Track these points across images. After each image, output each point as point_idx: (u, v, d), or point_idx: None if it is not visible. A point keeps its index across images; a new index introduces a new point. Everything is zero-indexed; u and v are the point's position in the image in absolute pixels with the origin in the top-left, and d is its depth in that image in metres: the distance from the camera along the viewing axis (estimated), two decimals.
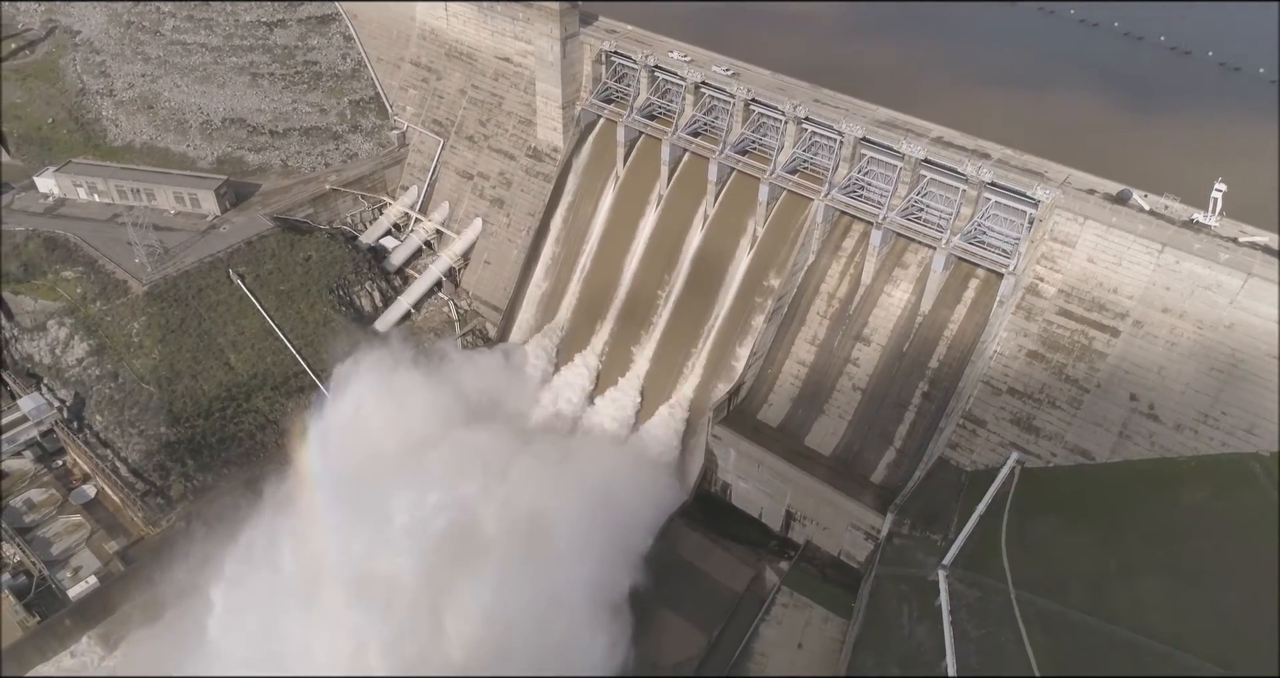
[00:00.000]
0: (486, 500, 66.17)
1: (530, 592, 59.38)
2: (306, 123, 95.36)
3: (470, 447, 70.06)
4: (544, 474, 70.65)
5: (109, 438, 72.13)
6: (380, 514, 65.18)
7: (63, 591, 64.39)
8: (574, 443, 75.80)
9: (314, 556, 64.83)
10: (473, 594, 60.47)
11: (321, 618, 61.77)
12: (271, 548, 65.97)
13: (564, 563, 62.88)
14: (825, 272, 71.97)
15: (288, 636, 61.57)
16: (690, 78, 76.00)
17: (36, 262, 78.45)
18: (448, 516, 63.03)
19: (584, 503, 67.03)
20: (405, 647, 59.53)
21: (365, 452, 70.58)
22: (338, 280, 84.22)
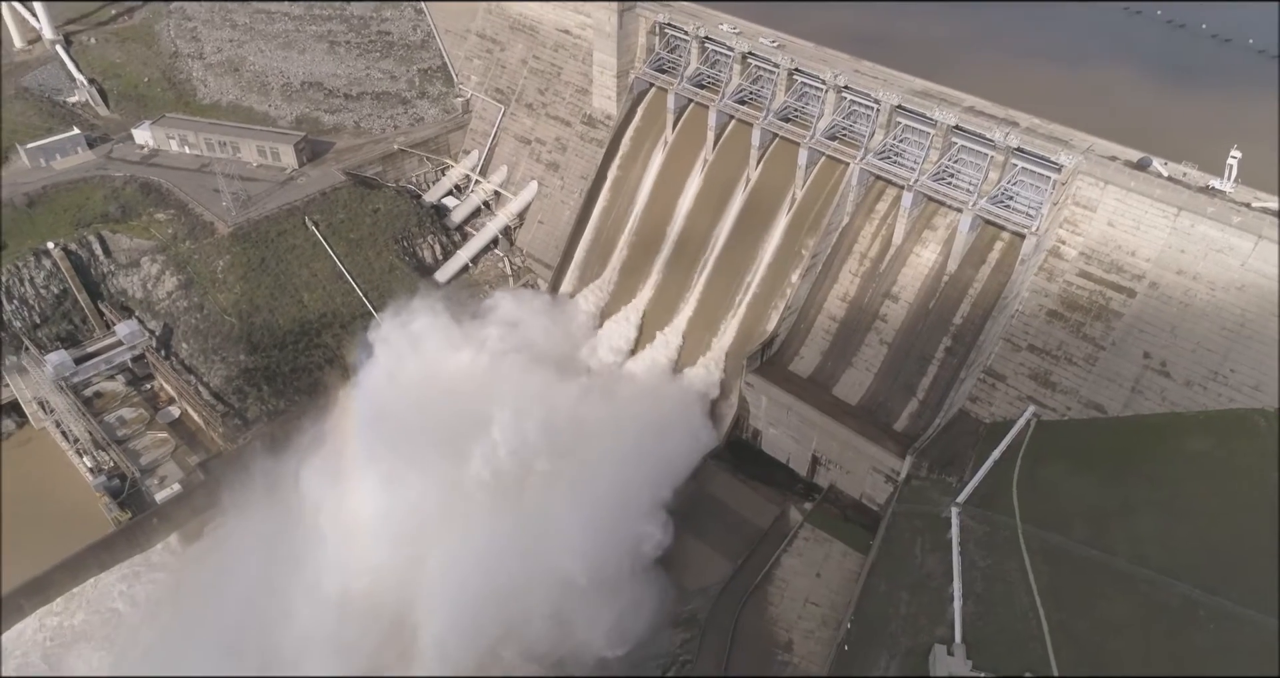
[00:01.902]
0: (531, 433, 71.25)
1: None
2: (378, 88, 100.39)
3: (517, 382, 75.08)
4: (587, 412, 75.46)
5: (193, 364, 77.92)
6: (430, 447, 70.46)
7: (150, 495, 70.22)
8: (615, 387, 79.80)
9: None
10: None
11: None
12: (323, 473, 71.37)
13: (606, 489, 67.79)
14: (858, 232, 74.92)
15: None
16: (738, 48, 79.28)
17: (133, 204, 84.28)
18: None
19: (624, 440, 71.60)
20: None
21: (418, 389, 75.93)
22: (402, 233, 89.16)
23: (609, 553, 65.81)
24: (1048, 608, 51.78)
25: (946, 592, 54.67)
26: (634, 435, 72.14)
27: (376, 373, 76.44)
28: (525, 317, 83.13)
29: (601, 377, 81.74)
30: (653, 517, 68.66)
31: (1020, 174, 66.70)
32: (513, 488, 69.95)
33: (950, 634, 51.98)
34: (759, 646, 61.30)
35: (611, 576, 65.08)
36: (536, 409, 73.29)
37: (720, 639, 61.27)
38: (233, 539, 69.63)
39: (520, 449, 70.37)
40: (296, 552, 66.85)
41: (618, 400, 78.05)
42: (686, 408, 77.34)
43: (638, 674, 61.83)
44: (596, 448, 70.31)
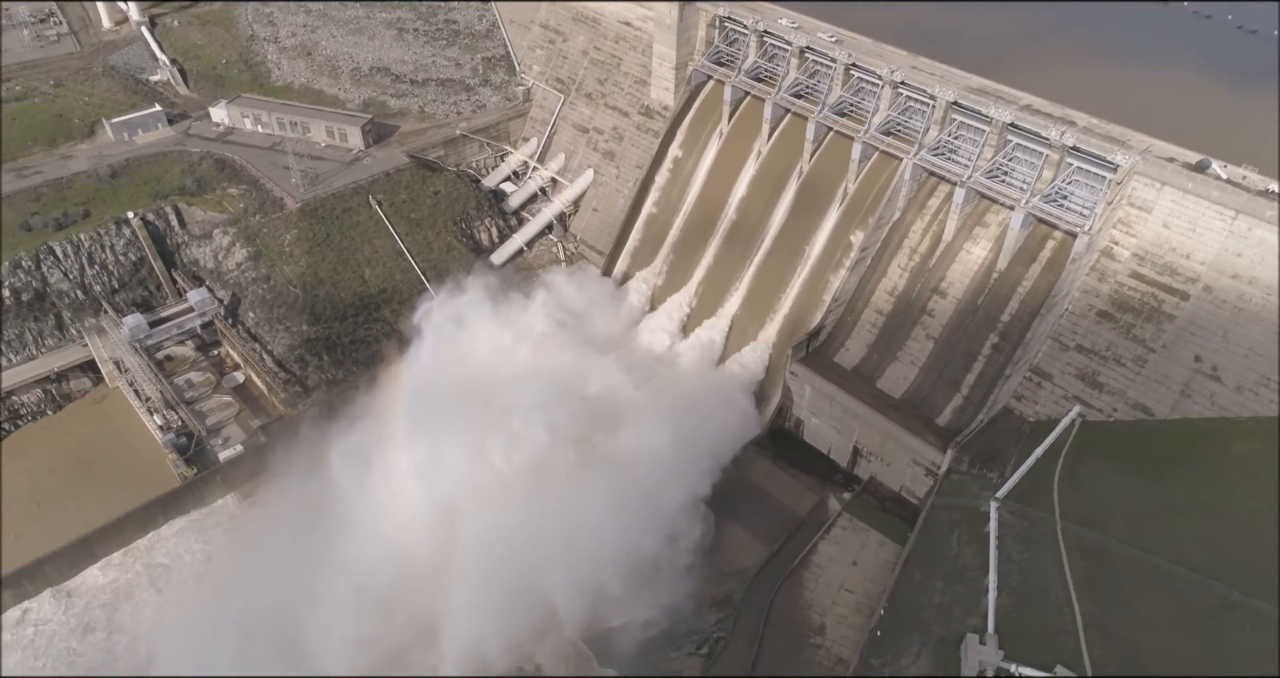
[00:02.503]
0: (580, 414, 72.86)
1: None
2: (443, 75, 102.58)
3: (564, 362, 76.68)
4: (632, 395, 76.69)
5: (258, 333, 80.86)
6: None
7: (214, 454, 73.21)
8: (661, 371, 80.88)
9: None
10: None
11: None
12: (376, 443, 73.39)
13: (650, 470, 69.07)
14: (909, 227, 74.99)
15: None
16: (796, 42, 79.76)
17: (208, 179, 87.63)
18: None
19: (667, 424, 72.60)
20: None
21: (466, 366, 77.85)
22: (461, 215, 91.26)
23: (646, 535, 66.85)
24: (1083, 603, 51.70)
25: (981, 583, 54.82)
26: (677, 420, 73.05)
27: (428, 349, 78.43)
28: (576, 298, 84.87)
29: (648, 361, 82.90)
30: (690, 500, 69.55)
31: (1075, 173, 66.34)
32: (552, 467, 71.04)
33: (983, 625, 52.17)
34: (792, 628, 61.96)
35: (648, 557, 65.97)
36: (581, 390, 75.20)
37: (754, 620, 62.05)
38: (287, 501, 71.81)
39: (562, 429, 71.63)
40: (344, 518, 68.75)
41: (663, 385, 79.24)
42: (730, 395, 78.10)
43: (674, 652, 63.04)
44: (639, 431, 71.63)
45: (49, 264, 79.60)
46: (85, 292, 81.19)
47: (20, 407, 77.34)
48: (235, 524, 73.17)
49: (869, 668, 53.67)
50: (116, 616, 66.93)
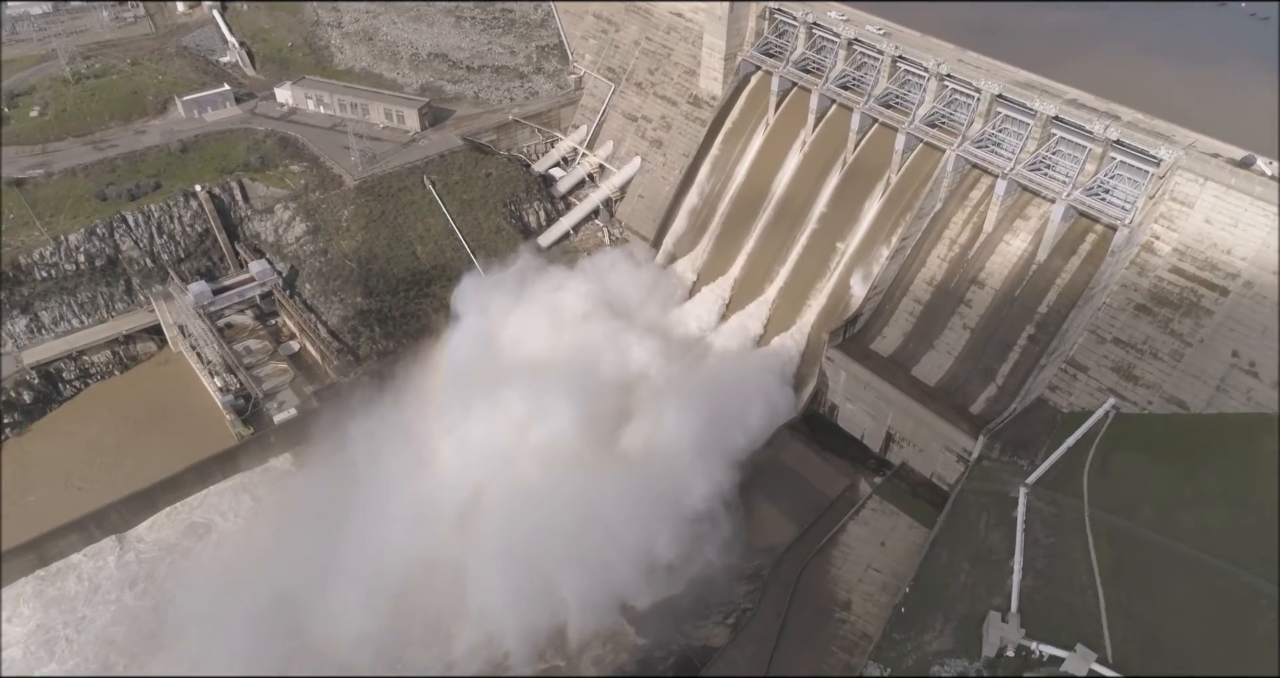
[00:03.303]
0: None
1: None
2: (498, 62, 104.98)
3: (605, 341, 78.56)
4: (671, 376, 78.30)
5: (314, 304, 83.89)
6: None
7: (270, 416, 76.40)
8: (700, 353, 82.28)
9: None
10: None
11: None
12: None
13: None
14: (950, 219, 75.42)
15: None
16: (844, 34, 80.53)
17: (271, 156, 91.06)
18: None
19: (704, 404, 74.16)
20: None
21: (509, 340, 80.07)
22: (511, 197, 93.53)
23: (676, 511, 68.62)
24: (1107, 587, 52.12)
25: (1007, 565, 55.37)
26: (713, 401, 74.54)
27: (470, 326, 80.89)
28: (618, 281, 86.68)
29: (687, 343, 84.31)
30: (722, 479, 70.98)
31: (1118, 167, 66.34)
32: (582, 446, 72.70)
33: (1006, 604, 52.75)
34: (818, 602, 63.13)
35: (676, 535, 67.78)
36: (618, 370, 76.98)
37: (781, 593, 63.33)
38: (330, 466, 74.38)
39: (595, 408, 73.54)
40: (381, 486, 71.45)
41: (700, 366, 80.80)
42: (767, 378, 79.16)
43: (702, 620, 64.63)
44: (674, 411, 73.09)
45: (121, 232, 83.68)
46: (154, 260, 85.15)
47: (91, 366, 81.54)
48: (282, 485, 76.03)
49: (892, 643, 54.81)
50: (159, 570, 69.65)
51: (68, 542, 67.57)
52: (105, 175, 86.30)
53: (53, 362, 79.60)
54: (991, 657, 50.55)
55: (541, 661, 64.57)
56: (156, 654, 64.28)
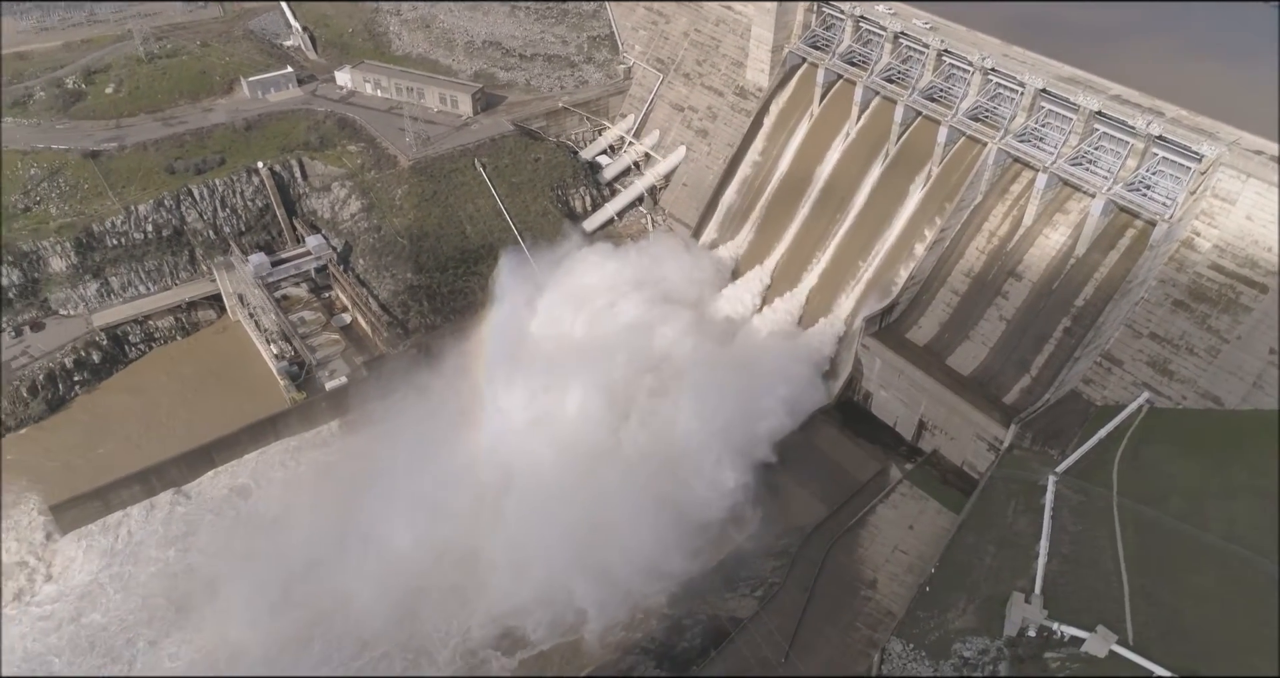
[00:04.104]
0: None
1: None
2: (550, 51, 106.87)
3: (648, 323, 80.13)
4: (708, 360, 79.55)
5: (366, 278, 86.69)
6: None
7: (321, 383, 79.34)
8: (739, 336, 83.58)
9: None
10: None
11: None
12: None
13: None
14: (989, 211, 75.82)
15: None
16: (891, 28, 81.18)
17: (330, 136, 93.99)
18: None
19: (738, 388, 75.36)
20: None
21: (552, 321, 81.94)
22: (558, 182, 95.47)
23: (708, 488, 70.22)
24: (1131, 573, 52.42)
25: (1033, 550, 55.83)
26: (748, 385, 75.78)
27: (513, 305, 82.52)
28: (660, 266, 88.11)
29: (725, 328, 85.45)
30: (753, 461, 72.47)
31: (1160, 163, 66.39)
32: (620, 420, 74.92)
33: (1030, 587, 53.33)
34: (845, 579, 64.04)
35: (708, 507, 69.50)
36: (654, 352, 78.33)
37: (809, 569, 64.27)
38: (381, 433, 77.01)
39: (628, 390, 75.57)
40: (421, 456, 73.24)
41: (737, 351, 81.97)
42: (802, 364, 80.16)
43: (729, 592, 65.86)
44: (711, 394, 74.22)
45: (187, 204, 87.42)
46: (216, 232, 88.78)
47: (155, 330, 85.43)
48: (328, 450, 78.83)
49: (915, 620, 55.68)
50: (201, 529, 72.22)
51: (130, 493, 71.04)
52: (174, 150, 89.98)
53: (120, 325, 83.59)
54: (1013, 636, 51.16)
55: (564, 633, 65.55)
56: (188, 615, 66.58)
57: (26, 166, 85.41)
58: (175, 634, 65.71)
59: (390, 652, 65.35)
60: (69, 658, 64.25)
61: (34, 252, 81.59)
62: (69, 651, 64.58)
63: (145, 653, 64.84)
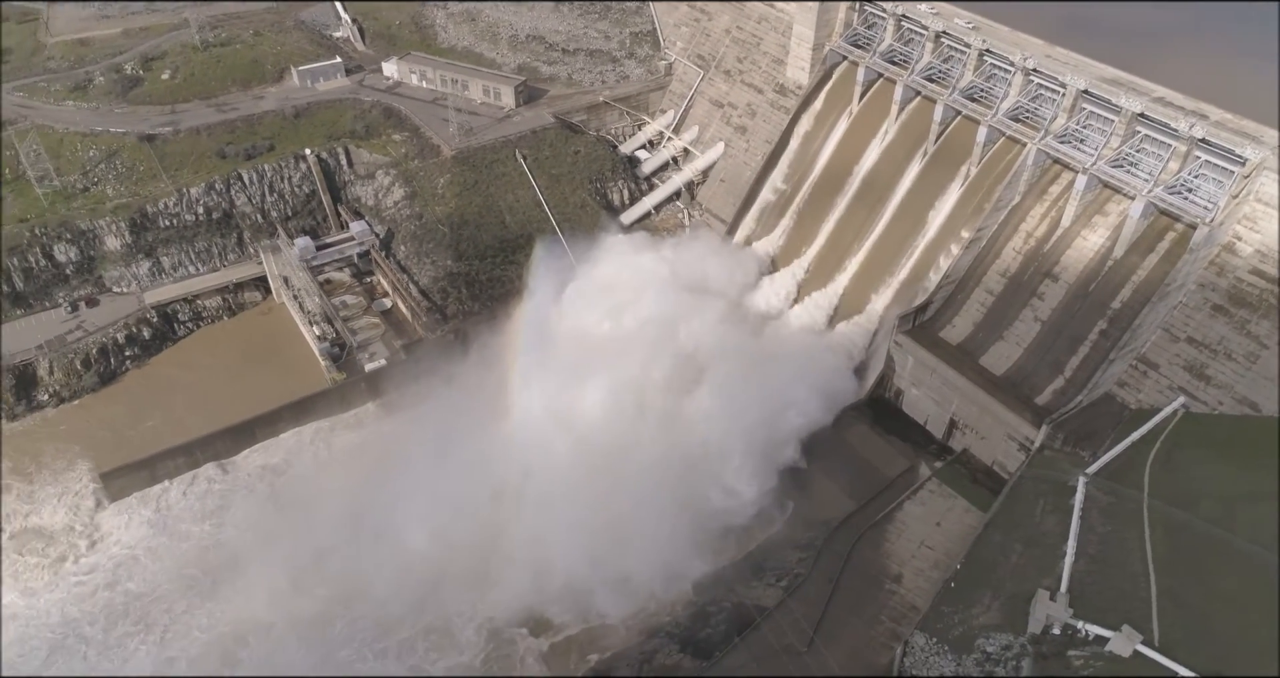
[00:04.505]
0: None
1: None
2: (592, 46, 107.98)
3: (682, 315, 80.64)
4: (743, 349, 79.91)
5: (407, 265, 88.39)
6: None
7: (361, 365, 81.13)
8: (772, 331, 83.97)
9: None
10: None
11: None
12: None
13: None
14: (1027, 212, 75.41)
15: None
16: (933, 27, 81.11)
17: (376, 125, 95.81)
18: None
19: (773, 380, 75.66)
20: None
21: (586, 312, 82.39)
22: (597, 175, 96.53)
23: (740, 484, 70.64)
24: (1160, 575, 52.05)
25: (1060, 549, 55.61)
26: (779, 380, 76.06)
27: (548, 295, 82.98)
28: (695, 260, 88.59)
29: (758, 323, 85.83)
30: (780, 454, 72.99)
31: (1202, 166, 65.76)
32: (651, 410, 74.98)
33: (1056, 585, 53.24)
34: (870, 573, 64.25)
35: (734, 497, 70.04)
36: (685, 345, 78.70)
37: (835, 561, 64.56)
38: (416, 415, 78.58)
39: (658, 382, 75.58)
40: (460, 434, 74.46)
41: (770, 346, 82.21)
42: (835, 360, 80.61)
43: (755, 581, 66.25)
44: (744, 385, 74.67)
45: (236, 188, 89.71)
46: (264, 216, 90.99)
47: (203, 310, 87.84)
48: (364, 429, 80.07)
49: (940, 615, 55.79)
50: (233, 502, 73.38)
51: (175, 464, 73.21)
52: (225, 136, 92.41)
53: (170, 303, 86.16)
54: (1037, 633, 51.12)
55: (589, 618, 65.80)
56: (219, 588, 67.68)
57: (86, 148, 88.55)
58: (206, 606, 67.06)
59: (414, 635, 65.67)
60: (103, 625, 65.73)
61: (91, 230, 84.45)
62: (104, 617, 66.13)
63: (176, 622, 66.11)
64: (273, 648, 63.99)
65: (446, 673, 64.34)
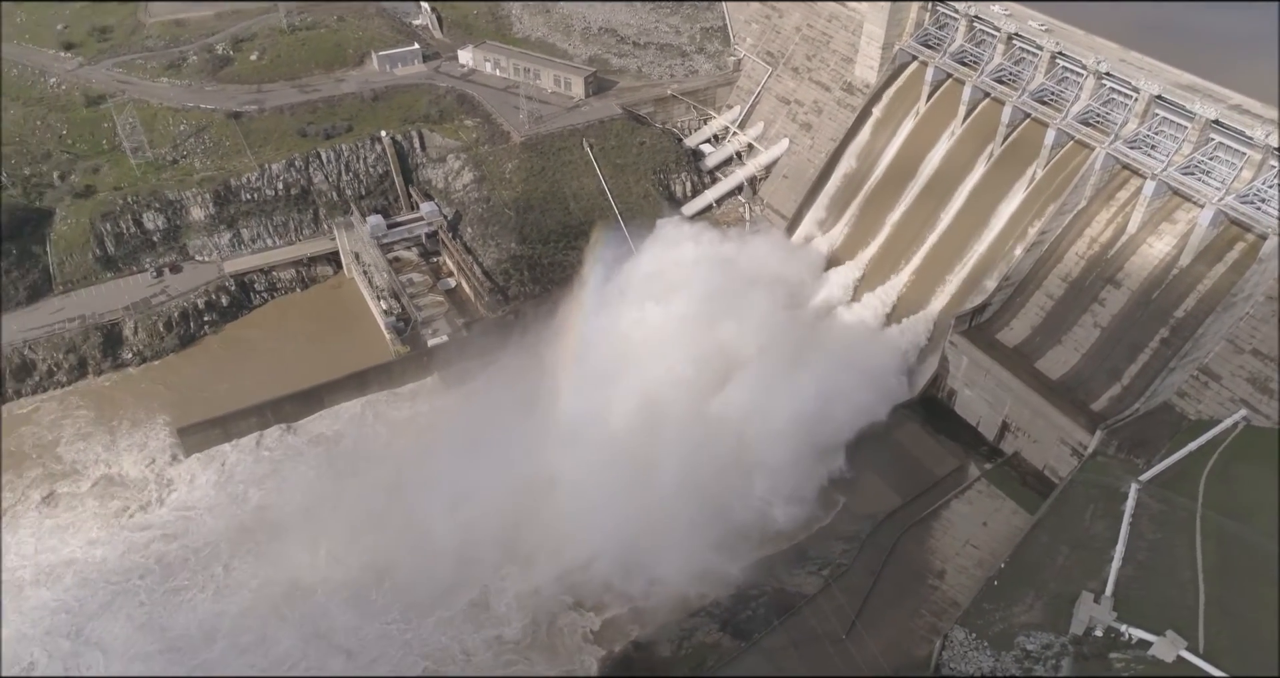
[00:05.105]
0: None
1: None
2: (663, 40, 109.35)
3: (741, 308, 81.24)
4: (796, 348, 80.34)
5: (473, 246, 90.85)
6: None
7: (424, 340, 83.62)
8: (827, 329, 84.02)
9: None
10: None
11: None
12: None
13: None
14: (1093, 217, 74.43)
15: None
16: (1005, 29, 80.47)
17: (449, 110, 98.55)
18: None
19: (826, 375, 75.72)
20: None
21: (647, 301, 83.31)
22: (661, 167, 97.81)
23: (790, 476, 70.99)
24: (1209, 584, 51.32)
25: (1107, 554, 54.97)
26: (835, 373, 76.24)
27: (607, 282, 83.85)
28: (756, 254, 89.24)
29: (815, 318, 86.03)
30: (835, 447, 73.26)
31: (1277, 176, 64.43)
32: (701, 399, 75.34)
33: (1101, 588, 52.89)
34: (913, 567, 64.40)
35: (780, 488, 70.47)
36: (743, 338, 79.32)
37: (878, 554, 64.88)
38: (473, 390, 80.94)
39: (718, 367, 76.24)
40: (515, 411, 76.18)
41: (826, 342, 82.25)
42: (889, 357, 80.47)
43: (797, 569, 66.77)
44: (797, 380, 75.11)
45: (314, 166, 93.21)
46: (339, 194, 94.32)
47: (277, 281, 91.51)
48: (419, 403, 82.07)
49: (981, 611, 55.69)
50: (285, 468, 75.58)
51: (247, 423, 76.60)
52: (306, 115, 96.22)
53: (247, 273, 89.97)
54: (1079, 634, 50.76)
55: (627, 600, 66.36)
56: (269, 547, 69.49)
57: (177, 122, 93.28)
58: (253, 565, 69.18)
59: (455, 614, 66.39)
60: (159, 575, 68.44)
61: (178, 200, 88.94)
62: (159, 569, 68.90)
63: (223, 578, 68.40)
64: (316, 609, 66.17)
65: (485, 647, 64.91)
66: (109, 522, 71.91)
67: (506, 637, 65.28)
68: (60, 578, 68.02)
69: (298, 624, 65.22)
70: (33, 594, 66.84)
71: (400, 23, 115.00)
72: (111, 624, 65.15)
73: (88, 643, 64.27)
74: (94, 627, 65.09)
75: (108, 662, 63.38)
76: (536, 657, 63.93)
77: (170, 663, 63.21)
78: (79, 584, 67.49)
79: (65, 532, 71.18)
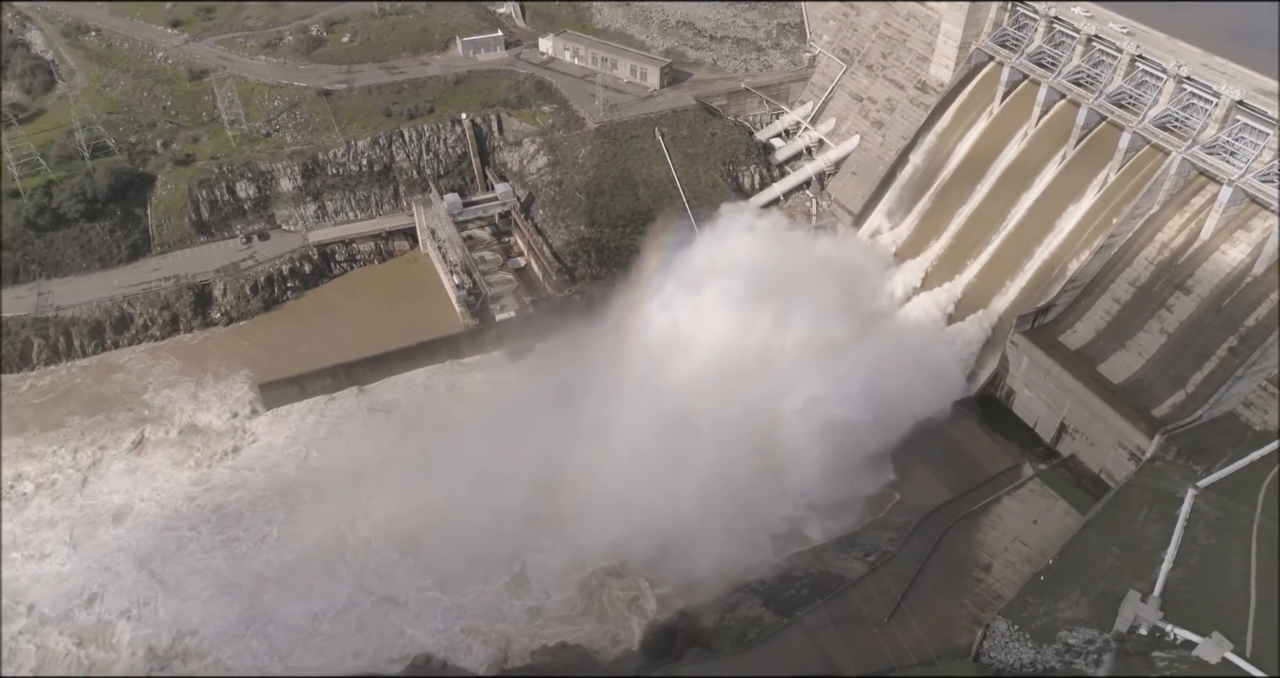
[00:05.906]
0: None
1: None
2: (740, 34, 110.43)
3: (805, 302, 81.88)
4: (858, 341, 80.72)
5: (543, 227, 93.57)
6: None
7: (493, 315, 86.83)
8: (891, 325, 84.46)
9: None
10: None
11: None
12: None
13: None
14: (1165, 222, 73.48)
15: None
16: (1085, 30, 79.78)
17: (527, 96, 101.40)
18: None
19: (886, 370, 76.01)
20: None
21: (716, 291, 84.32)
22: (730, 158, 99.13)
23: (838, 460, 71.29)
24: (1261, 590, 50.93)
25: (1158, 556, 54.57)
26: (895, 370, 76.38)
27: (672, 268, 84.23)
28: (824, 249, 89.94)
29: (879, 314, 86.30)
30: (888, 439, 73.55)
31: None
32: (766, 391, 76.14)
33: (1150, 589, 52.65)
34: (960, 559, 64.54)
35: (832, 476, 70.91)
36: (805, 331, 79.94)
37: (925, 544, 65.16)
38: (537, 366, 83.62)
39: (776, 373, 76.13)
40: (578, 390, 77.73)
41: (889, 337, 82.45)
42: (949, 355, 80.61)
43: (843, 554, 67.49)
44: (858, 373, 75.33)
45: (397, 145, 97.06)
46: (419, 172, 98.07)
47: (357, 253, 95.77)
48: (479, 374, 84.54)
49: (1025, 605, 55.76)
50: (348, 436, 78.05)
51: (323, 383, 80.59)
52: (392, 96, 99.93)
53: (329, 244, 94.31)
54: (1123, 632, 50.79)
55: (678, 574, 67.52)
56: (318, 506, 72.05)
57: (272, 98, 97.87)
58: (301, 523, 71.75)
59: (500, 590, 67.84)
60: (215, 525, 71.84)
61: (269, 172, 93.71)
62: (215, 518, 72.32)
63: (274, 532, 71.32)
64: (364, 567, 68.80)
65: (529, 616, 66.68)
66: (186, 468, 75.66)
67: (553, 601, 67.21)
68: (126, 519, 71.88)
69: (347, 579, 67.93)
70: (103, 532, 70.85)
71: (485, 10, 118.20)
72: (175, 566, 68.60)
73: (151, 577, 67.82)
74: (155, 567, 68.48)
75: (166, 597, 66.51)
76: (584, 622, 65.90)
77: (225, 607, 66.17)
78: (141, 527, 71.27)
79: (142, 474, 75.04)
